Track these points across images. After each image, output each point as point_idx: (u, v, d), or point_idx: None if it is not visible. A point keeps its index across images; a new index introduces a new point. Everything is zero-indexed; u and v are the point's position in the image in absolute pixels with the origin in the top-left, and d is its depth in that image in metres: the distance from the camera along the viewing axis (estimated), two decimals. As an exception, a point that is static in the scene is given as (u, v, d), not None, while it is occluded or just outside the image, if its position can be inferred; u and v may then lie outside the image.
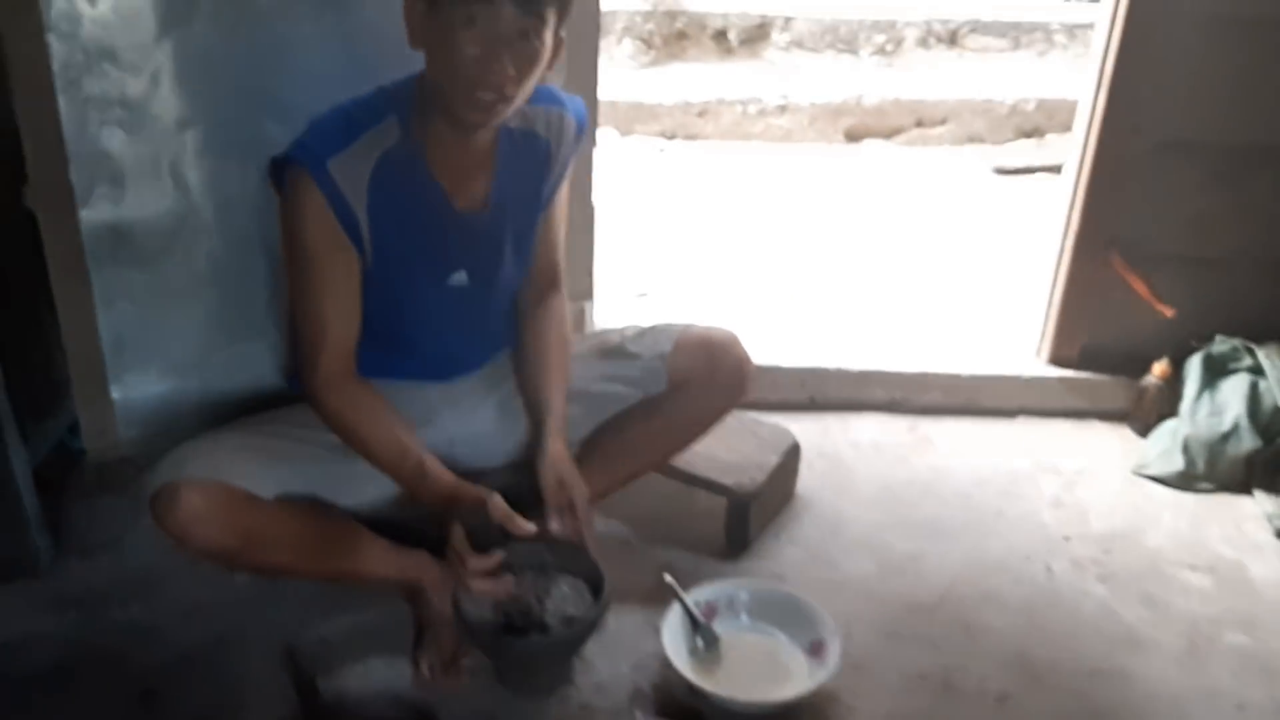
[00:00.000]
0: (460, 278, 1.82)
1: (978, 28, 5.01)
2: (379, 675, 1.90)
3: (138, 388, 2.06)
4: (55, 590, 2.06)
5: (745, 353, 2.01)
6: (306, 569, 1.85)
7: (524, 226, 1.89)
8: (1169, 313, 2.57)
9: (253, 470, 1.73)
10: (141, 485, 1.71)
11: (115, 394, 2.05)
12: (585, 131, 1.93)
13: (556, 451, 1.81)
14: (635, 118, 4.84)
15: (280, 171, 1.69)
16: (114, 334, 1.99)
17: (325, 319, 1.71)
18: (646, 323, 2.10)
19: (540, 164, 1.84)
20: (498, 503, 1.68)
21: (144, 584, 2.06)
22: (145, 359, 2.05)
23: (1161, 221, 2.52)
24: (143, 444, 2.02)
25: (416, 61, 1.70)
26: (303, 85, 1.89)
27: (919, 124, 4.92)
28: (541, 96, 1.78)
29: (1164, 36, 2.32)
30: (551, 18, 1.59)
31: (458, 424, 1.94)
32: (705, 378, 1.98)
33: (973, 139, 4.92)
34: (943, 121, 4.90)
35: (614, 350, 2.05)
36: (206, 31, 1.84)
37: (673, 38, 5.04)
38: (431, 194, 1.73)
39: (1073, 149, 2.54)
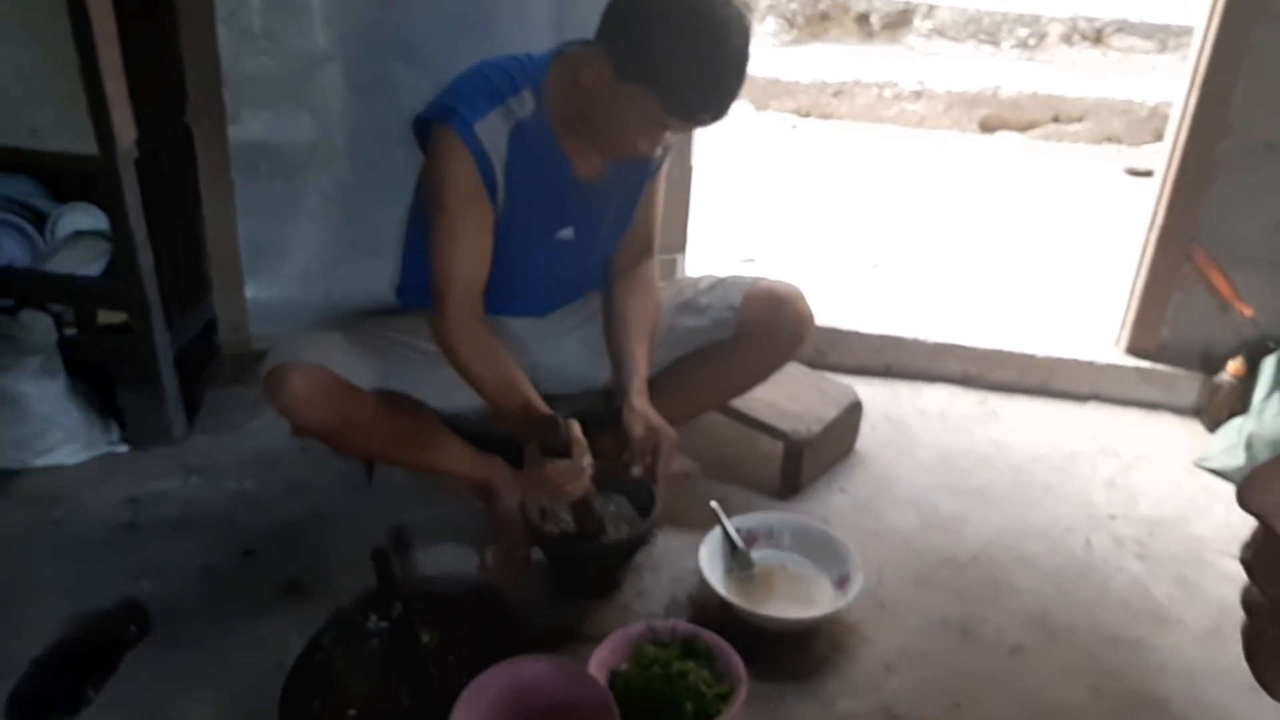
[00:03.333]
0: (568, 233, 2.02)
1: (1124, 27, 4.95)
2: (449, 560, 2.14)
3: (269, 290, 2.35)
4: (184, 459, 2.37)
5: (807, 307, 2.16)
6: (394, 456, 2.10)
7: (630, 194, 2.08)
8: (1248, 312, 2.61)
9: (354, 363, 1.96)
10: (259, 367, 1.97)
11: (249, 294, 2.34)
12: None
13: (641, 405, 1.99)
14: (771, 94, 4.97)
15: (424, 127, 1.89)
16: (251, 240, 2.28)
17: (458, 263, 1.88)
18: (722, 274, 2.27)
19: None
20: (573, 429, 1.86)
21: (258, 462, 2.36)
22: (276, 265, 2.33)
23: (1247, 223, 2.56)
24: (271, 341, 2.28)
25: (532, 13, 1.90)
26: (429, 32, 2.13)
27: (1055, 119, 4.91)
28: None
29: (1259, 40, 2.36)
30: None
31: (544, 353, 2.15)
32: (768, 328, 2.14)
33: (1110, 138, 4.88)
34: (1080, 119, 4.88)
35: (689, 299, 2.22)
36: (348, -23, 2.08)
37: (815, 18, 5.14)
38: (559, 163, 1.92)
39: (1164, 147, 2.60)
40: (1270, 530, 0.55)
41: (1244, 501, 0.57)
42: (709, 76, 1.72)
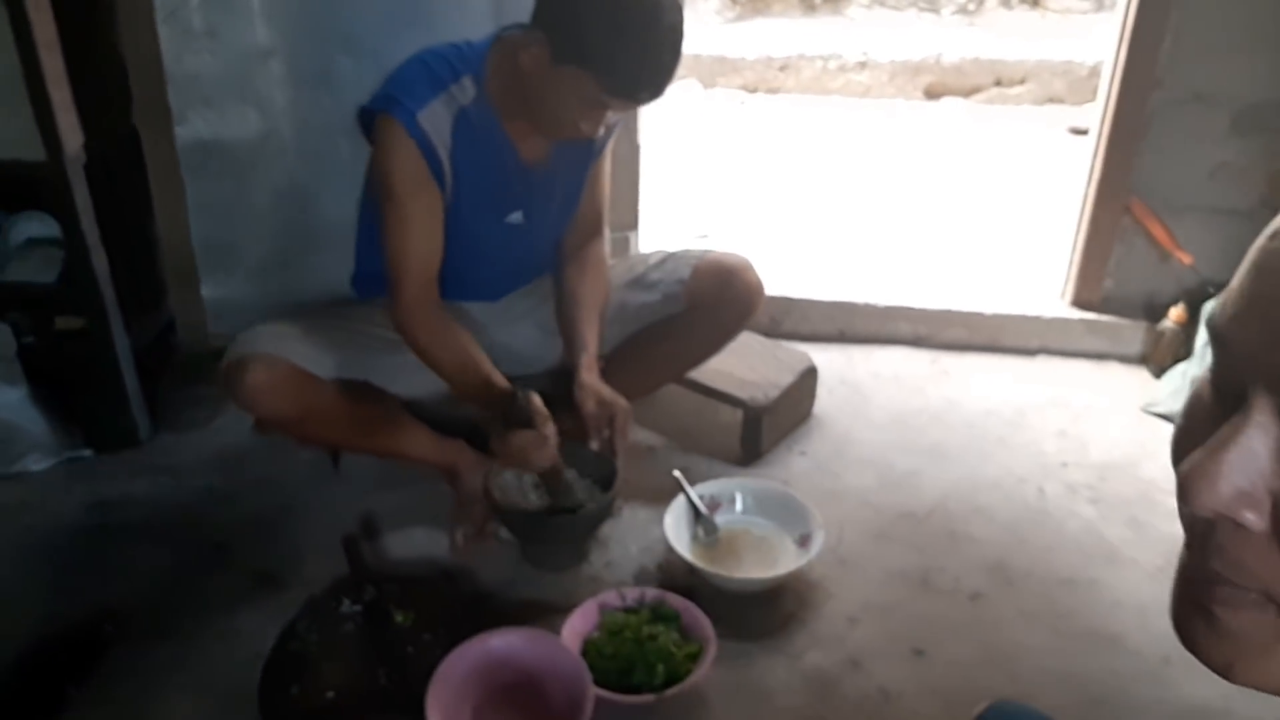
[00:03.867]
0: (516, 217, 2.05)
1: (1061, -12, 5.04)
2: (418, 542, 2.17)
3: (225, 288, 2.36)
4: (150, 460, 2.38)
5: (756, 277, 2.20)
6: (357, 443, 2.12)
7: (576, 175, 2.11)
8: (1187, 260, 2.68)
9: (314, 352, 1.98)
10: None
11: (205, 293, 2.36)
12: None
13: (591, 381, 2.02)
14: (718, 71, 5.01)
15: (369, 118, 1.90)
16: (204, 239, 2.29)
17: (410, 250, 1.91)
18: (672, 248, 2.31)
19: None
20: (534, 400, 1.91)
21: (224, 459, 2.38)
22: (231, 263, 2.34)
23: (1181, 172, 2.63)
24: (230, 340, 2.30)
25: (471, 2, 1.92)
26: (370, 23, 2.15)
27: (998, 83, 4.99)
28: None
29: (1185, -8, 2.42)
30: None
31: (499, 336, 2.18)
32: (718, 299, 2.18)
33: (1052, 99, 4.97)
34: (1022, 81, 4.96)
35: (639, 275, 2.26)
36: (286, -28, 2.10)
37: (757, -7, 5.20)
38: (503, 147, 1.95)
39: (1097, 101, 2.66)
40: (1234, 525, 0.51)
41: (1195, 502, 0.51)
42: (644, 55, 1.75)
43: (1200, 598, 0.55)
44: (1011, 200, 3.83)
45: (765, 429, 2.40)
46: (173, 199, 2.28)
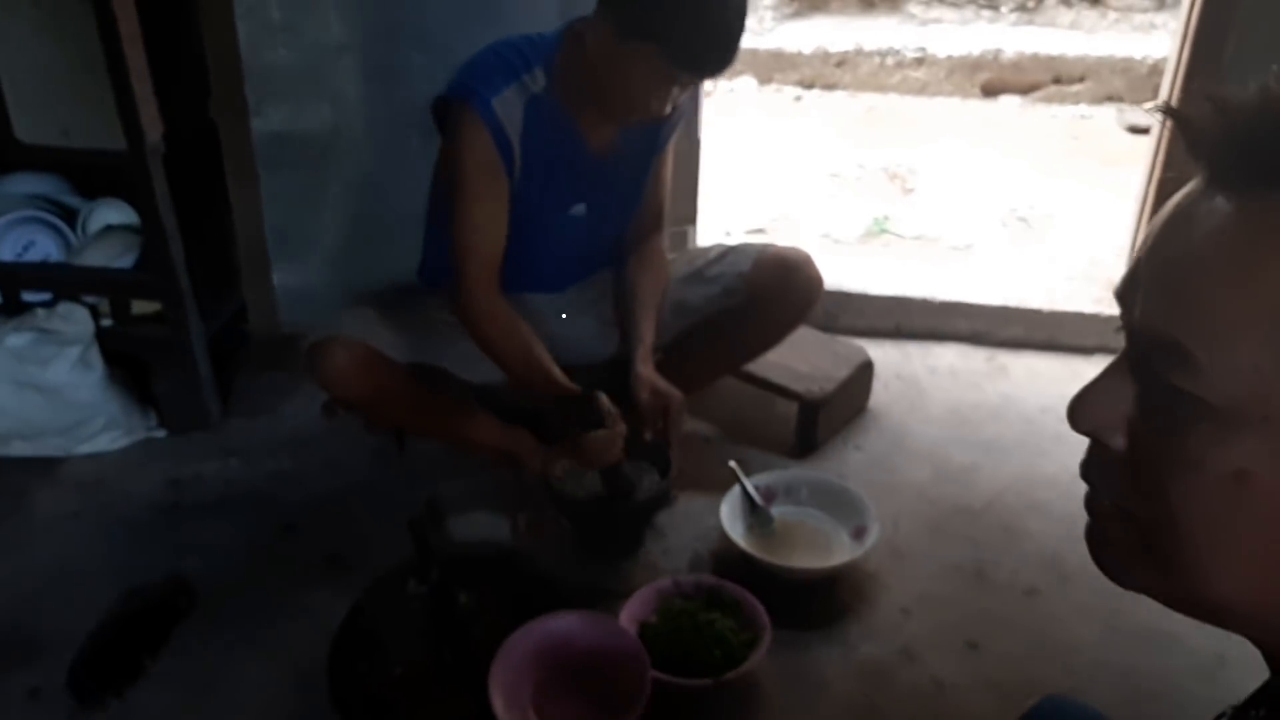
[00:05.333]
0: (580, 209, 2.09)
1: (1123, -15, 5.00)
2: (481, 526, 2.22)
3: (296, 276, 2.43)
4: (221, 442, 2.45)
5: (816, 271, 2.22)
6: (425, 427, 2.18)
7: (639, 169, 2.14)
8: (1248, 260, 2.66)
9: (390, 337, 2.05)
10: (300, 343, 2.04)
11: (276, 280, 2.42)
12: (699, 85, 2.17)
13: (646, 373, 2.06)
14: (775, 66, 5.02)
15: (443, 107, 1.95)
16: (277, 228, 2.35)
17: (477, 237, 1.95)
18: (731, 243, 2.34)
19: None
20: (604, 401, 1.96)
21: (293, 442, 2.45)
22: (303, 252, 2.41)
23: (1244, 172, 2.61)
24: (300, 326, 2.37)
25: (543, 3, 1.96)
26: (443, 19, 2.19)
27: (1056, 80, 4.95)
28: None
29: (1249, -9, 2.41)
30: None
31: (561, 328, 2.22)
32: (779, 293, 2.21)
33: (1111, 97, 4.93)
34: (1081, 79, 4.92)
35: (699, 270, 2.29)
36: (362, -31, 2.15)
37: (816, -11, 5.20)
38: (571, 136, 1.98)
39: (1160, 98, 2.65)
40: (1104, 445, 0.62)
41: (1074, 423, 0.62)
42: (710, 24, 1.76)
43: (1089, 508, 0.66)
44: (1069, 197, 3.81)
45: (821, 422, 2.43)
46: (247, 189, 2.34)
